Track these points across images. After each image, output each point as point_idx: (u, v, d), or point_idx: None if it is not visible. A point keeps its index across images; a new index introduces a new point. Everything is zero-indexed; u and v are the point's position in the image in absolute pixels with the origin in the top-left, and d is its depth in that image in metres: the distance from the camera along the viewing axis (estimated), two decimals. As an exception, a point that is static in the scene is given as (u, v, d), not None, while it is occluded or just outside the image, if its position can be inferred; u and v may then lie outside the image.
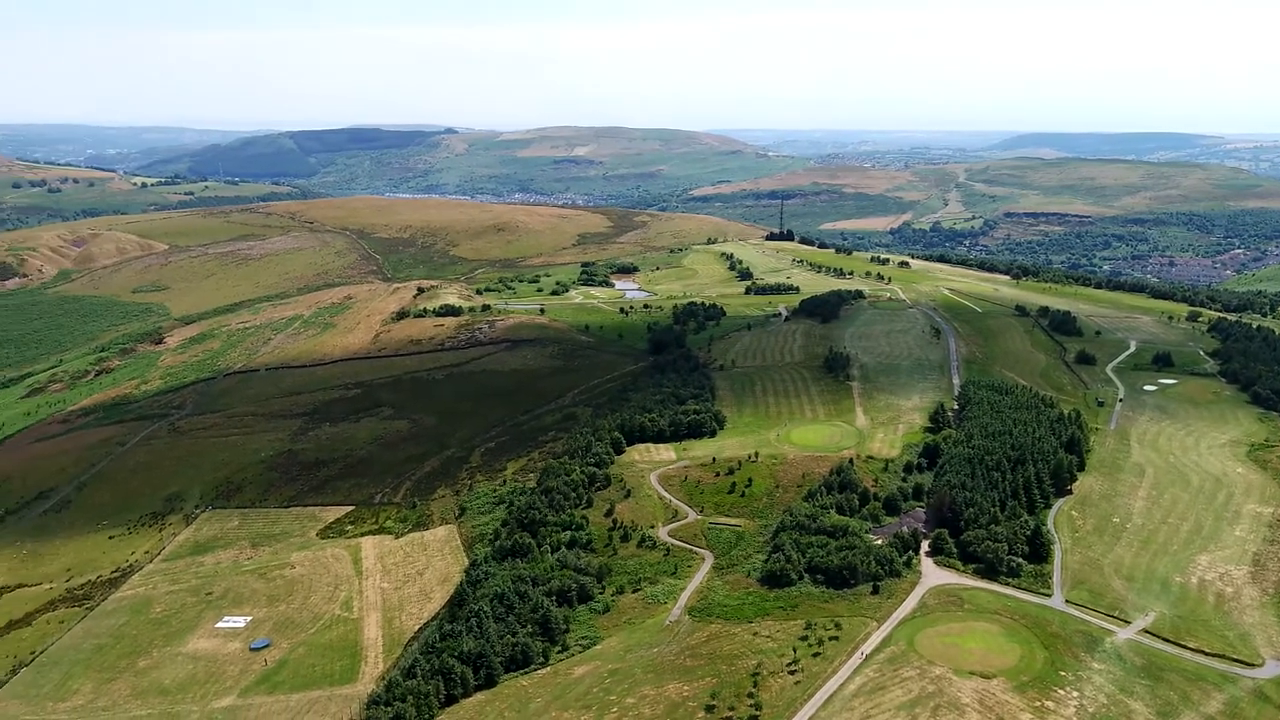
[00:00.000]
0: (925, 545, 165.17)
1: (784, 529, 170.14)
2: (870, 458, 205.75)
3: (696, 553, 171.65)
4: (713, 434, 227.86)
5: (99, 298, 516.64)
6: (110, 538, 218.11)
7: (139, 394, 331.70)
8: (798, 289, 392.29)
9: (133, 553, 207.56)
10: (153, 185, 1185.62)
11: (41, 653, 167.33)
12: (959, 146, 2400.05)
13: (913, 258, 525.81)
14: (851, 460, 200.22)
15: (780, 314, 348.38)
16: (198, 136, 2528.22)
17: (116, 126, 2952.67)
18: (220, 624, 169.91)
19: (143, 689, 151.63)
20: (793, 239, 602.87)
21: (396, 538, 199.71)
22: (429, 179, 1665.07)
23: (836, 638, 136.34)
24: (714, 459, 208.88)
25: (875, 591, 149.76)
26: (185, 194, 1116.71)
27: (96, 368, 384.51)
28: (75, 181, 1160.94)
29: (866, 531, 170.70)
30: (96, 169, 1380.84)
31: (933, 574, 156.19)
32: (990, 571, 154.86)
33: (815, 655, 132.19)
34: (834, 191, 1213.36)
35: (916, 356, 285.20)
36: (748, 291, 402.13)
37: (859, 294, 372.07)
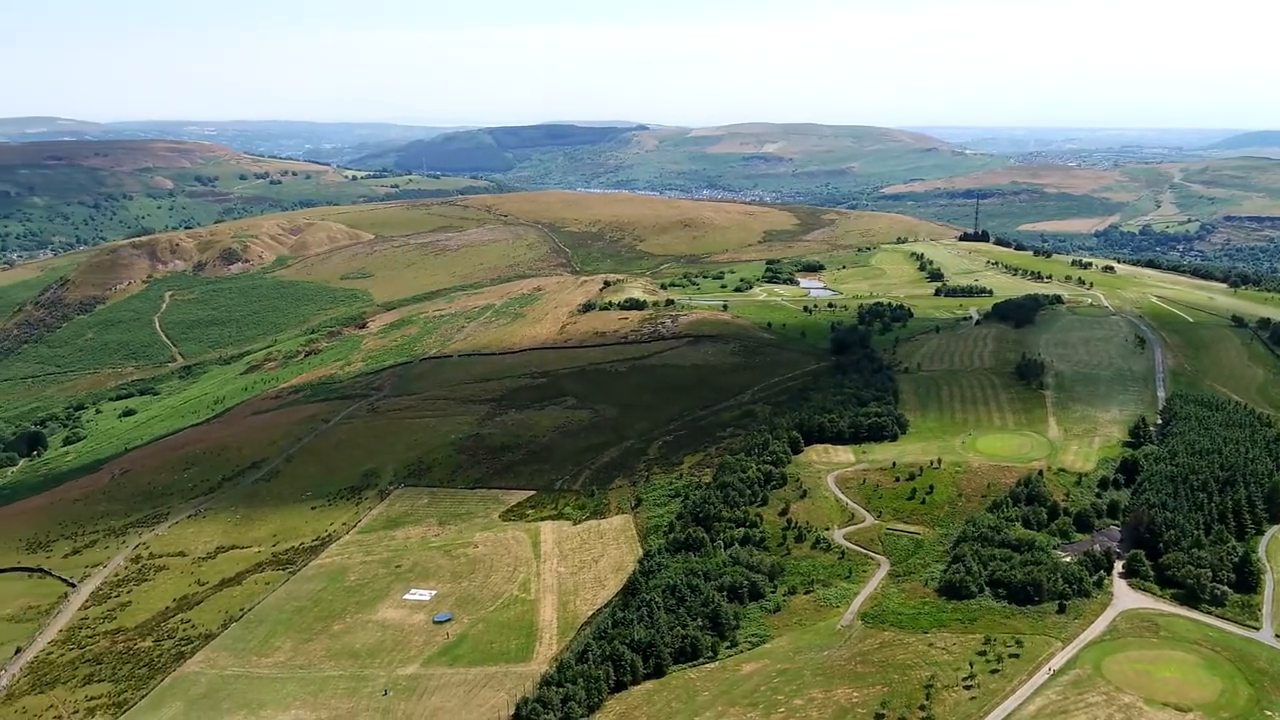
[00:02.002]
0: (1119, 566, 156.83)
1: (965, 539, 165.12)
2: (1062, 470, 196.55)
3: (872, 558, 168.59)
4: (894, 438, 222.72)
5: (310, 283, 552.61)
6: (312, 508, 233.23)
7: (343, 375, 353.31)
8: (990, 292, 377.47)
9: (331, 523, 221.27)
10: (362, 178, 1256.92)
11: (249, 610, 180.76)
12: (1175, 145, 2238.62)
13: (1118, 262, 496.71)
14: (1041, 472, 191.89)
15: (971, 317, 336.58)
16: (403, 133, 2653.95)
17: (331, 123, 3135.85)
18: (407, 596, 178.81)
19: (336, 651, 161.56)
20: (988, 240, 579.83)
21: (574, 524, 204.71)
22: (619, 175, 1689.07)
23: (1017, 655, 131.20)
24: (894, 463, 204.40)
25: (1061, 610, 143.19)
26: (391, 187, 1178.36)
27: (306, 349, 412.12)
28: (293, 174, 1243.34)
29: (1054, 547, 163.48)
30: (312, 162, 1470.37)
31: (1126, 596, 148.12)
32: (1190, 598, 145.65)
33: (993, 672, 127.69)
34: (1034, 191, 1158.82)
35: (1117, 366, 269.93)
36: (937, 293, 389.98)
37: (1057, 299, 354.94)
